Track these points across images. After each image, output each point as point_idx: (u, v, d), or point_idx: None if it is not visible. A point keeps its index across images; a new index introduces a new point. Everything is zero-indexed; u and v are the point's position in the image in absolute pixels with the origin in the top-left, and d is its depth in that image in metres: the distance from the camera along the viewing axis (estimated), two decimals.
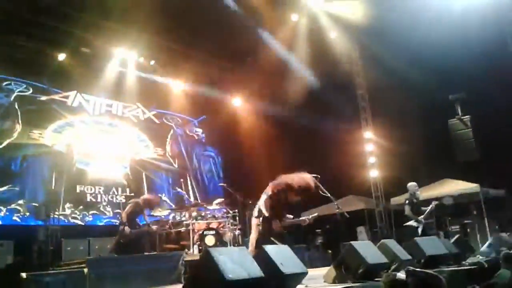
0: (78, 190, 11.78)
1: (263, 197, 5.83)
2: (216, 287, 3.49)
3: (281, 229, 5.80)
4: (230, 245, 9.85)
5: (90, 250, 10.02)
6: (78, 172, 11.93)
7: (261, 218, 5.74)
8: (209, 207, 11.37)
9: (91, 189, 12.03)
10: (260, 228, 5.71)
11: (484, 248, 8.46)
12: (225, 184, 11.92)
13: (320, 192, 6.19)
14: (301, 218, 6.03)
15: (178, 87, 14.63)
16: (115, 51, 12.75)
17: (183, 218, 10.46)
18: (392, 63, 13.01)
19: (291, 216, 6.03)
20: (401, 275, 4.26)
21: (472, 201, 13.43)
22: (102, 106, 13.11)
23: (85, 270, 7.07)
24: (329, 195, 6.19)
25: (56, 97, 12.14)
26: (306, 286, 5.01)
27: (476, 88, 12.76)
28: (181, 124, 15.30)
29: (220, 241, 9.68)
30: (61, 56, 11.89)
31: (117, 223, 10.96)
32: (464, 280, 5.87)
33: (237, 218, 10.73)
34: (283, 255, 4.34)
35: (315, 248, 14.10)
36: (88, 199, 11.93)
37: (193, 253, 9.17)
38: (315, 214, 6.05)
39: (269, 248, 4.30)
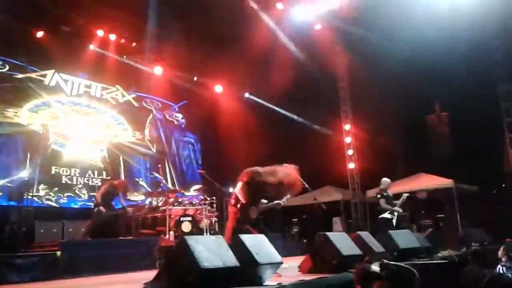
0: (53, 172, 11.57)
1: (239, 184, 5.79)
2: (191, 275, 3.47)
3: (258, 215, 5.79)
4: (206, 232, 9.86)
5: (64, 232, 9.85)
6: (53, 153, 11.71)
7: (239, 205, 5.71)
8: (186, 194, 11.34)
9: (66, 171, 11.83)
10: (238, 215, 5.68)
11: None
12: (203, 171, 11.85)
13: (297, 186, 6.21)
14: (275, 202, 5.96)
15: (159, 71, 14.44)
16: (96, 32, 12.52)
17: (160, 204, 10.41)
18: (375, 57, 13.09)
19: (266, 201, 6.00)
20: (375, 267, 4.32)
21: (446, 196, 13.70)
22: (81, 87, 12.85)
23: (58, 253, 6.98)
24: (306, 185, 6.22)
25: (33, 75, 11.84)
26: (280, 276, 5.04)
27: (456, 87, 12.97)
28: (161, 109, 15.12)
29: (197, 228, 9.68)
30: (40, 34, 11.60)
31: (92, 206, 10.82)
32: (435, 274, 6.00)
33: (215, 205, 10.74)
34: (258, 245, 4.35)
35: (291, 237, 14.23)
36: (63, 181, 11.74)
37: (169, 239, 9.14)
38: (288, 196, 5.99)
39: (245, 238, 4.30)
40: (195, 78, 14.93)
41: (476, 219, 12.61)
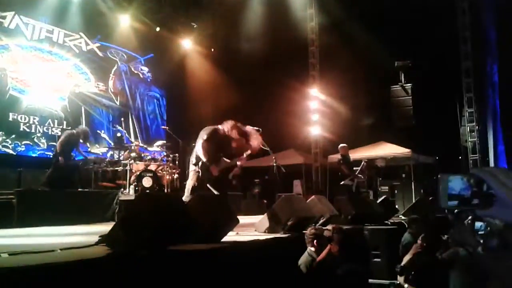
0: (10, 118, 11.16)
1: (199, 142, 5.75)
2: (148, 231, 3.50)
3: (220, 174, 5.80)
4: (167, 189, 9.87)
5: (21, 181, 9.63)
6: (11, 99, 11.25)
7: (200, 163, 5.70)
8: (149, 149, 11.23)
9: (25, 119, 11.45)
10: (199, 174, 5.68)
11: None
12: (167, 127, 11.73)
13: (260, 145, 6.26)
14: (235, 159, 5.94)
15: (126, 20, 13.93)
16: None
17: (121, 158, 10.30)
18: (346, 25, 13.08)
19: (228, 160, 6.01)
20: (327, 230, 4.50)
21: (403, 165, 14.16)
22: (42, 32, 12.26)
23: (14, 201, 6.85)
24: (267, 148, 6.28)
25: None
26: (237, 234, 5.16)
27: (422, 59, 13.19)
28: (126, 60, 14.67)
29: (158, 184, 9.66)
30: None
31: (51, 156, 10.61)
32: (385, 238, 6.29)
33: (177, 162, 10.71)
34: (216, 204, 4.42)
35: (252, 197, 14.46)
36: (21, 129, 11.37)
37: (129, 193, 9.11)
38: (248, 152, 5.99)
39: (203, 196, 4.36)
40: (157, 29, 14.44)
41: (431, 189, 13.17)
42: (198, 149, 5.69)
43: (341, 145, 10.21)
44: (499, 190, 1.04)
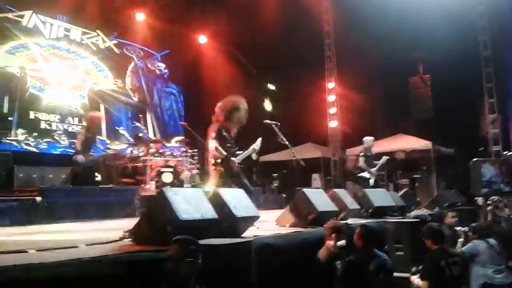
0: (32, 116, 11.33)
1: (211, 143, 5.79)
2: (169, 226, 3.53)
3: (239, 167, 5.82)
4: (187, 184, 9.93)
5: (44, 178, 9.79)
6: (31, 97, 11.42)
7: (219, 161, 5.73)
8: (168, 145, 11.30)
9: (45, 116, 11.63)
10: (221, 171, 5.71)
11: None
12: (185, 123, 11.77)
13: (279, 139, 6.27)
14: (250, 148, 5.94)
15: (142, 17, 13.99)
16: None
17: (141, 154, 10.38)
18: (362, 17, 12.93)
19: (241, 152, 6.04)
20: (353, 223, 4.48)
21: (423, 157, 13.99)
22: (60, 30, 12.40)
23: (38, 198, 6.99)
24: (286, 142, 6.28)
25: (10, 15, 11.33)
26: (258, 228, 5.18)
27: (440, 50, 12.97)
28: (143, 57, 14.75)
29: (177, 179, 9.74)
30: None
31: (72, 153, 10.74)
32: (407, 231, 6.24)
33: (196, 157, 10.77)
34: (236, 198, 4.43)
35: (271, 191, 14.48)
36: (43, 126, 11.53)
37: (150, 188, 9.20)
38: (260, 139, 5.95)
39: (223, 191, 4.37)
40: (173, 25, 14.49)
41: (451, 181, 13.02)
42: (212, 149, 5.74)
43: (365, 138, 10.12)
44: None
